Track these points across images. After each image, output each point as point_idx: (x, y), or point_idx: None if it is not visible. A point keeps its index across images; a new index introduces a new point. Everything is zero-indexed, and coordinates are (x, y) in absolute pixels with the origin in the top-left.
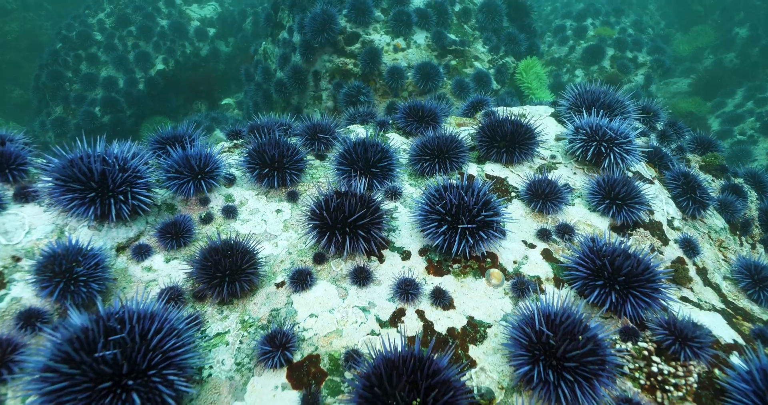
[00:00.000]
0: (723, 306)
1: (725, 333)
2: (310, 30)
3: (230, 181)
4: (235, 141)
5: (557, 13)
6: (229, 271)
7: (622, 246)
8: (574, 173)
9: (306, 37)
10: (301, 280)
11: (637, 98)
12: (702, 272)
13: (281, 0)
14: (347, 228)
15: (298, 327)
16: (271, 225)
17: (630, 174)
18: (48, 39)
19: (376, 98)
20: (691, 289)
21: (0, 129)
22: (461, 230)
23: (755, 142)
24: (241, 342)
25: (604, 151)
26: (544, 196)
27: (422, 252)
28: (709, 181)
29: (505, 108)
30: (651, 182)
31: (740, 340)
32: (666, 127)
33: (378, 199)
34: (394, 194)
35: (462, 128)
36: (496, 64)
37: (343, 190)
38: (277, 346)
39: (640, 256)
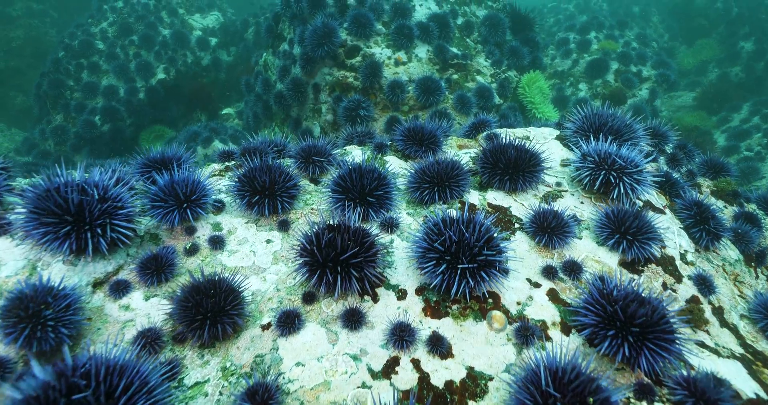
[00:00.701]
0: (742, 350)
1: (746, 385)
2: (310, 42)
3: (219, 208)
4: (226, 163)
5: (560, 26)
6: (211, 314)
7: (634, 285)
8: (581, 202)
9: (306, 49)
10: (289, 322)
11: (645, 119)
12: (718, 312)
13: (282, 12)
14: (339, 267)
15: (283, 378)
16: (260, 257)
17: (640, 203)
18: (53, 46)
19: (377, 112)
20: (708, 332)
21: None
22: (461, 270)
23: (762, 159)
24: (221, 393)
25: (613, 180)
26: (549, 229)
27: (419, 291)
28: (721, 207)
29: (508, 130)
30: (662, 212)
31: (762, 393)
32: (676, 150)
33: (373, 233)
34: (391, 226)
35: (463, 151)
36: (499, 78)
37: (335, 222)
38: (258, 404)
39: (655, 303)
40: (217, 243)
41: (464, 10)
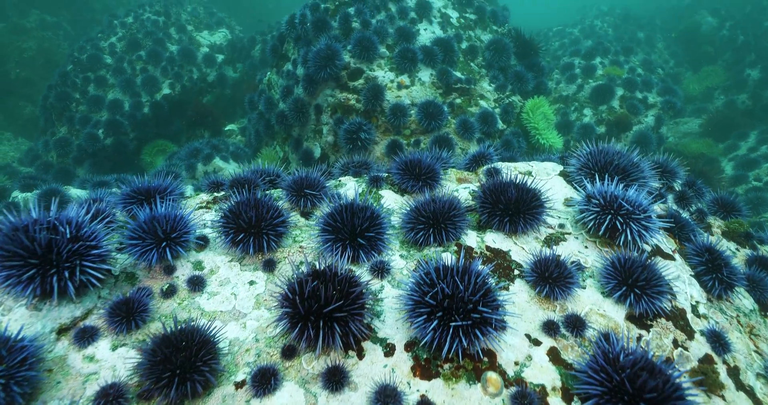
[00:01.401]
0: None
1: None
2: (313, 64)
3: (201, 245)
4: (215, 194)
5: (565, 50)
6: (180, 370)
7: (643, 344)
8: (586, 247)
9: (309, 70)
10: (264, 382)
11: (653, 154)
12: (734, 373)
13: (287, 33)
14: (321, 321)
15: None
16: (241, 300)
17: (648, 248)
18: (64, 58)
19: (378, 135)
20: (723, 397)
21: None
22: (454, 328)
23: None
24: None
25: (619, 226)
26: (551, 279)
27: (408, 346)
28: (733, 250)
29: (509, 164)
30: (671, 258)
31: None
32: (684, 188)
33: (362, 280)
34: (382, 271)
35: (462, 185)
36: (503, 104)
37: (322, 267)
38: None
39: (667, 372)
40: (196, 284)
41: (469, 34)
